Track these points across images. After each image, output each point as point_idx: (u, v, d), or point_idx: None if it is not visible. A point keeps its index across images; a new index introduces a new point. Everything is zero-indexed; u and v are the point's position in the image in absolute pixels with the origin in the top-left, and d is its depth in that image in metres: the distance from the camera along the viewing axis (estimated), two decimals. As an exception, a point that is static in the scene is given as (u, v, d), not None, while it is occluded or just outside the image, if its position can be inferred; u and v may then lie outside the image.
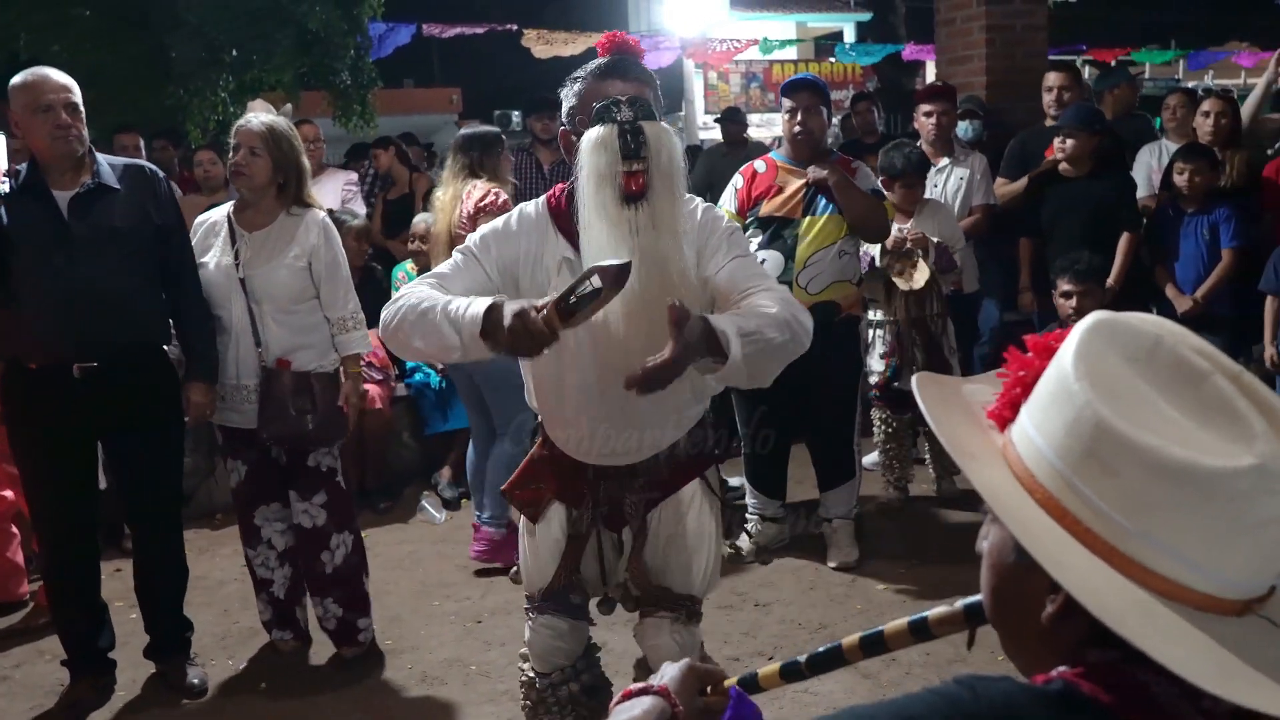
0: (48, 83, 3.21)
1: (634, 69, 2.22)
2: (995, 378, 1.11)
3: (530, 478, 2.48)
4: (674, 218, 2.13)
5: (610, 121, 2.10)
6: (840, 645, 1.29)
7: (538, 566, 2.47)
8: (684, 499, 2.44)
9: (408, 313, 2.15)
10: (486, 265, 2.26)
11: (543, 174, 6.84)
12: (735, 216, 4.42)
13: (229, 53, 9.39)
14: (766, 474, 4.55)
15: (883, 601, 4.03)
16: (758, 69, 17.69)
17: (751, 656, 3.59)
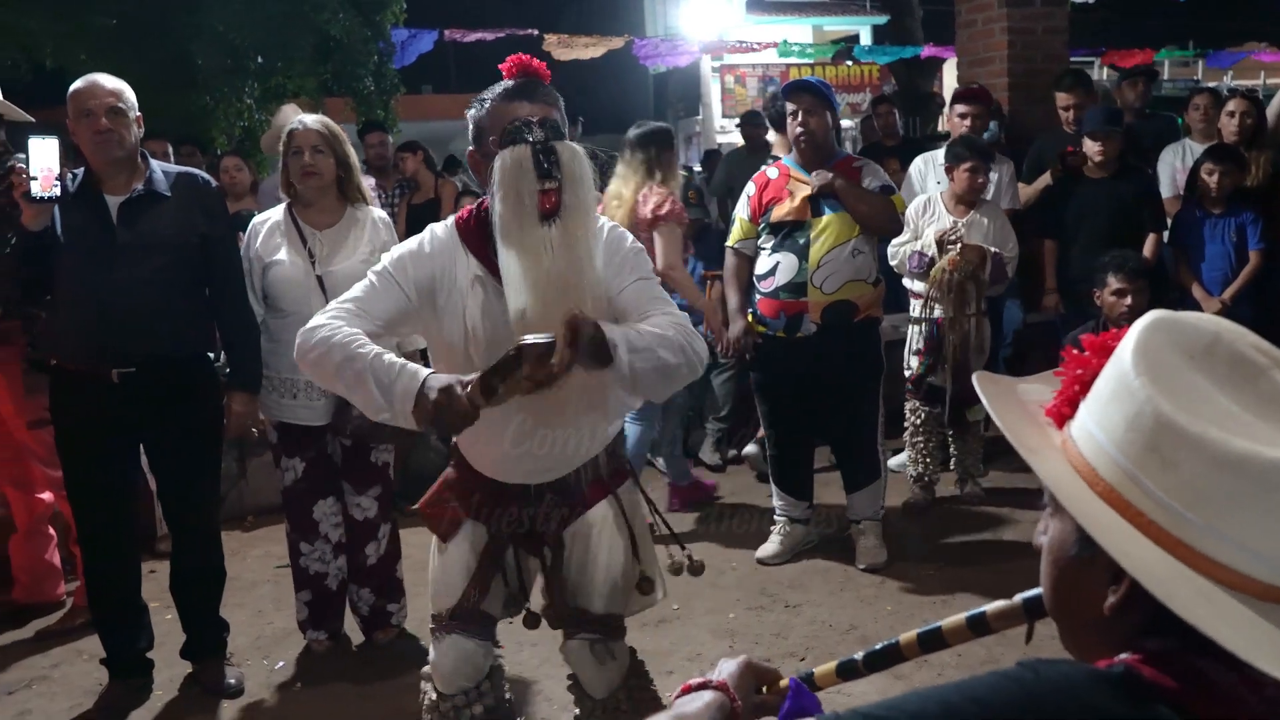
0: (91, 88, 3.26)
1: (541, 90, 2.23)
2: (1050, 377, 1.14)
3: (444, 496, 2.46)
4: (586, 236, 2.17)
5: (523, 142, 2.13)
6: (898, 642, 1.32)
7: (446, 584, 2.45)
8: (597, 518, 2.44)
9: (333, 351, 2.12)
10: (405, 286, 2.24)
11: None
12: (747, 224, 4.45)
13: (253, 59, 9.47)
14: (792, 475, 4.57)
15: (912, 603, 4.05)
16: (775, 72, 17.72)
17: (783, 658, 3.61)
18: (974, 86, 6.17)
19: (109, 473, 3.43)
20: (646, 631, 3.89)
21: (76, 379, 3.38)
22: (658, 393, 2.23)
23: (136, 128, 3.33)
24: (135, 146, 3.34)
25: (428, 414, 2.02)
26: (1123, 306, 4.33)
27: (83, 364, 3.35)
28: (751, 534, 4.78)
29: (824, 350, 4.28)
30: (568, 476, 2.39)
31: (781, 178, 4.38)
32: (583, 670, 2.47)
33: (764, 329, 4.39)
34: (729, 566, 4.50)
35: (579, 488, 2.41)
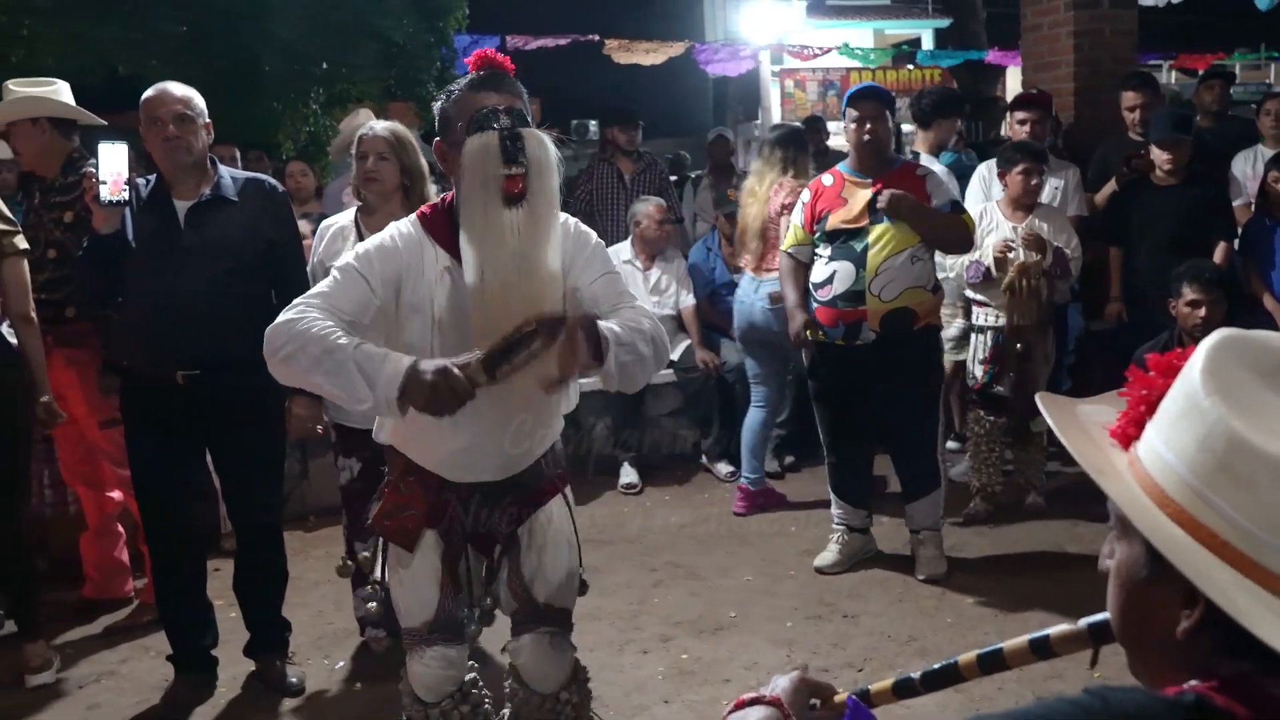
0: (160, 96, 3.34)
1: (506, 82, 2.28)
2: (1111, 398, 1.12)
3: (398, 506, 2.45)
4: (550, 221, 2.22)
5: (490, 128, 2.18)
6: (956, 662, 1.30)
7: (419, 598, 2.45)
8: (550, 515, 2.51)
9: (309, 342, 2.11)
10: (371, 280, 2.26)
11: (623, 183, 6.89)
12: (801, 231, 4.42)
13: (318, 65, 9.61)
14: (851, 484, 4.54)
15: (973, 615, 4.00)
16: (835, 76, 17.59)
17: (841, 668, 3.58)
18: (1033, 91, 6.09)
19: (175, 474, 3.50)
20: (703, 639, 3.89)
21: (144, 381, 3.45)
22: (634, 385, 2.30)
23: (205, 134, 3.40)
24: (203, 152, 3.40)
25: (423, 397, 2.03)
26: (1197, 317, 4.24)
27: (149, 367, 3.43)
28: (810, 542, 4.76)
29: (883, 358, 4.25)
30: (520, 474, 2.44)
31: (836, 184, 4.36)
32: (537, 665, 2.50)
33: (822, 336, 4.37)
34: (787, 575, 4.48)
35: (529, 485, 2.47)
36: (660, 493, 5.77)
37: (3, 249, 3.61)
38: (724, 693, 3.49)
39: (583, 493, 5.75)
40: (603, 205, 6.90)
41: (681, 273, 6.09)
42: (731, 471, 5.92)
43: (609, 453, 5.99)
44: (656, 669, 3.68)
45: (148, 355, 3.43)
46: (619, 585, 4.45)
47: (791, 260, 4.49)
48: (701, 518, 5.31)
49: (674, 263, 6.09)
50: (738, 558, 4.72)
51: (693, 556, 4.76)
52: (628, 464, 5.87)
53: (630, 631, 3.99)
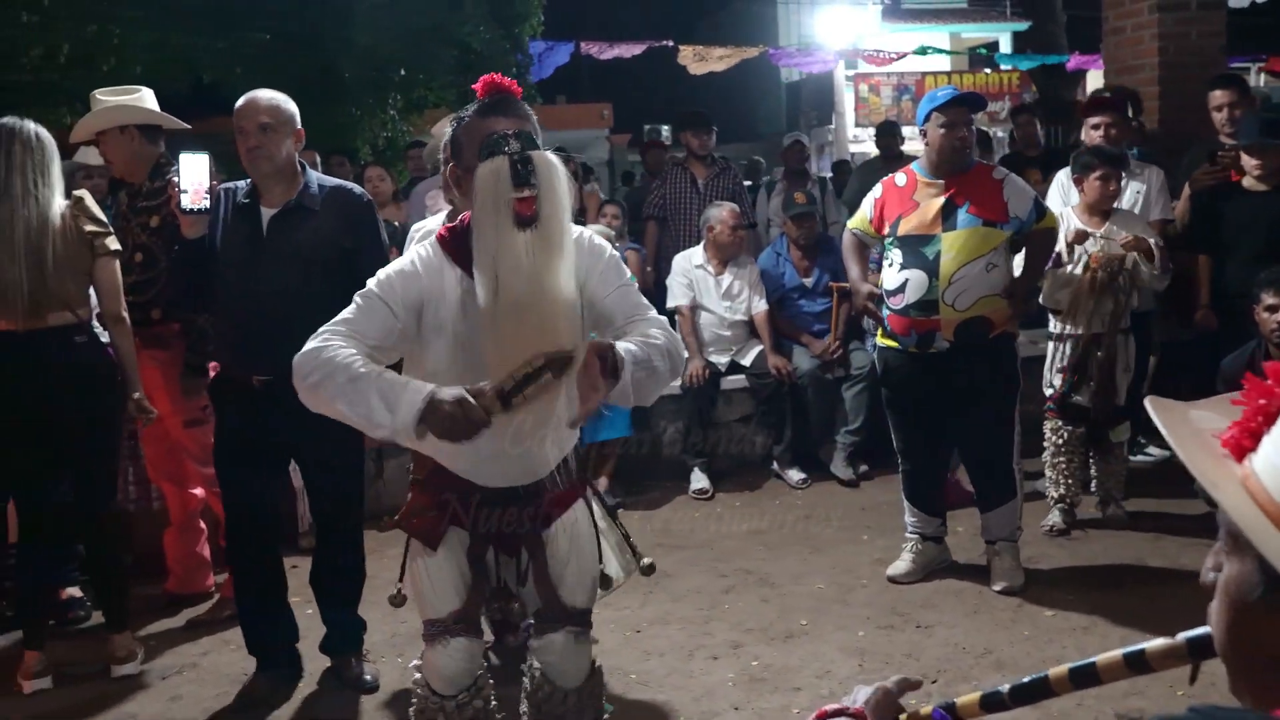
0: (246, 106, 3.42)
1: (515, 106, 2.31)
2: (1223, 404, 1.08)
3: (423, 506, 2.52)
4: (562, 241, 2.24)
5: (500, 153, 2.21)
6: (1047, 676, 1.27)
7: (441, 591, 2.50)
8: (577, 517, 2.59)
9: (336, 372, 2.18)
10: (393, 305, 2.31)
11: (697, 188, 6.90)
12: (869, 226, 4.40)
13: (396, 72, 9.77)
14: (925, 492, 4.48)
15: (1051, 628, 3.92)
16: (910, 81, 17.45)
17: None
18: (1104, 94, 5.96)
19: (256, 475, 3.57)
20: (774, 646, 3.87)
21: (228, 383, 3.54)
22: (648, 399, 2.34)
23: (294, 142, 3.45)
24: (287, 160, 3.45)
25: (440, 425, 2.08)
26: (1273, 322, 4.14)
27: (230, 370, 3.53)
28: (883, 551, 4.71)
29: (957, 366, 4.19)
30: (543, 479, 2.50)
31: (909, 186, 4.31)
32: (562, 662, 2.57)
33: (895, 344, 4.32)
34: (859, 584, 4.43)
35: (553, 489, 2.53)
36: (731, 499, 5.76)
37: (95, 250, 3.72)
38: (795, 701, 3.46)
39: (653, 498, 5.77)
40: (675, 210, 6.91)
41: (754, 278, 6.07)
42: (803, 479, 5.88)
43: (679, 458, 5.98)
44: (727, 675, 3.66)
45: (229, 358, 3.55)
46: (689, 591, 4.44)
47: (855, 238, 4.54)
48: (773, 524, 5.29)
49: (746, 268, 6.08)
50: (809, 565, 4.69)
51: (764, 563, 4.74)
52: (698, 469, 5.86)
53: (700, 637, 3.98)
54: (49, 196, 3.63)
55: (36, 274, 3.58)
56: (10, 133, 3.60)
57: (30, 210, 3.58)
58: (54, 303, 3.64)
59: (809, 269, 6.15)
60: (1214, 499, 0.96)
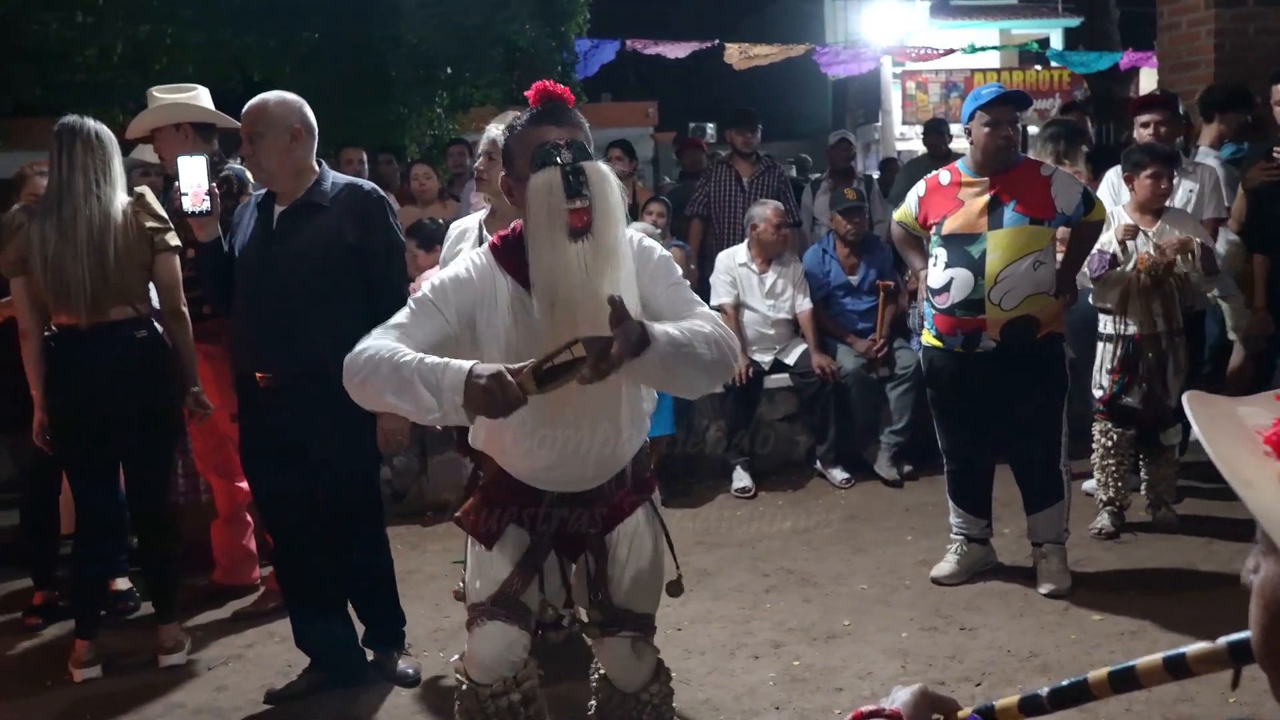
0: (243, 115, 3.47)
1: (566, 114, 2.31)
2: (1270, 399, 1.05)
3: (485, 505, 2.53)
4: (617, 250, 2.23)
5: (552, 164, 2.21)
6: (1086, 680, 1.24)
7: (488, 576, 2.51)
8: (636, 523, 2.57)
9: (380, 365, 2.18)
10: (446, 312, 2.31)
11: (741, 186, 6.87)
12: (914, 221, 4.37)
13: (443, 70, 9.83)
14: (971, 493, 4.43)
15: (1098, 632, 3.86)
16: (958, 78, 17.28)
17: (958, 682, 3.50)
18: (1155, 93, 5.86)
19: (280, 472, 3.55)
20: (816, 646, 3.85)
21: (240, 381, 3.60)
22: (694, 387, 2.34)
23: (291, 140, 3.37)
24: (282, 162, 3.38)
25: (478, 400, 2.07)
26: None
27: (239, 366, 3.59)
28: (927, 552, 4.67)
29: (1003, 366, 4.14)
30: (603, 485, 2.50)
31: (953, 185, 4.26)
32: (623, 667, 2.60)
33: (940, 343, 4.28)
34: (902, 585, 4.40)
35: (613, 496, 2.52)
36: (774, 498, 5.73)
37: (156, 246, 3.79)
38: (836, 701, 3.44)
39: (695, 496, 5.75)
40: (720, 208, 6.89)
41: (798, 276, 6.04)
42: (847, 478, 5.84)
43: (722, 457, 5.97)
44: (768, 675, 3.65)
45: (236, 355, 3.61)
46: (731, 589, 4.43)
47: (903, 230, 4.56)
48: (816, 524, 5.26)
49: (790, 266, 6.05)
50: (852, 565, 4.66)
51: (806, 563, 4.71)
52: (740, 468, 5.84)
53: (742, 636, 3.96)
54: (110, 194, 3.69)
55: (98, 270, 3.65)
56: (72, 131, 3.66)
57: (92, 208, 3.64)
58: (116, 298, 3.70)
59: (855, 266, 6.11)
60: (1242, 498, 0.94)
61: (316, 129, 3.51)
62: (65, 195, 3.63)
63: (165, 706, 3.66)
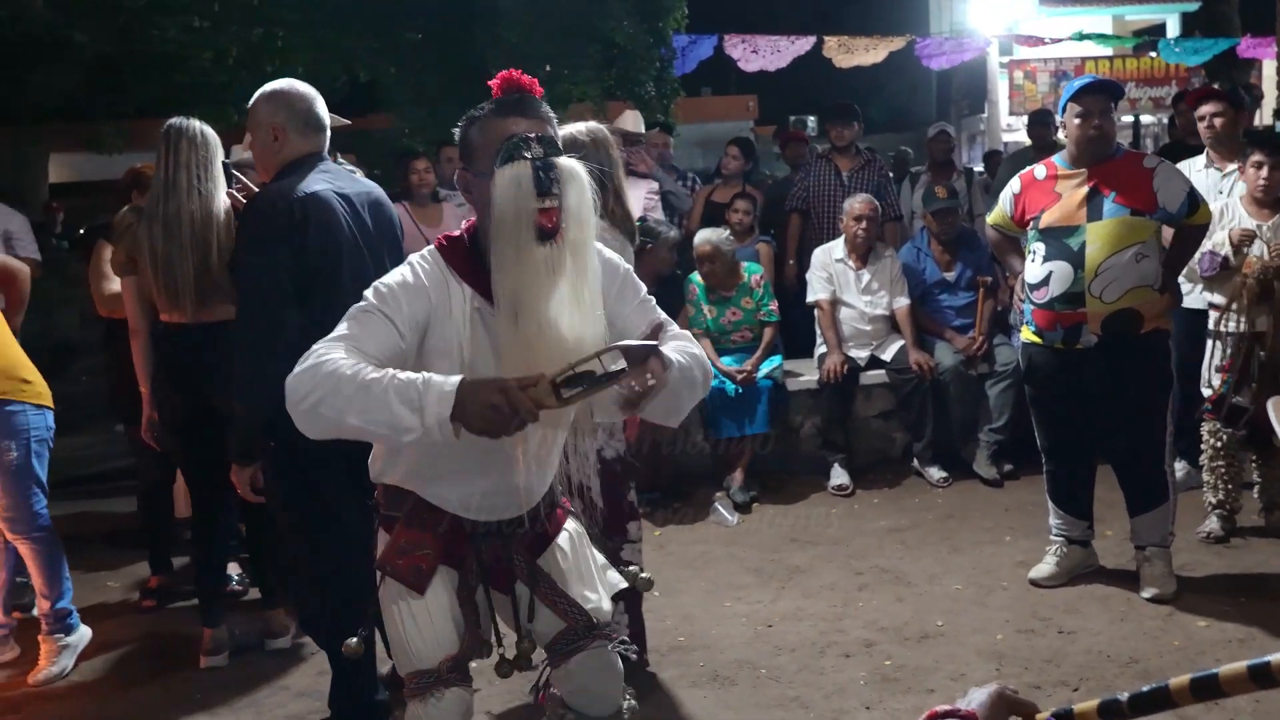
0: None
1: (535, 106, 2.11)
2: None
3: (410, 545, 2.25)
4: (587, 255, 2.05)
5: (521, 158, 2.01)
6: (1168, 685, 1.23)
7: (433, 638, 2.23)
8: (571, 534, 2.40)
9: (341, 384, 1.91)
10: (398, 323, 2.06)
11: (841, 181, 6.81)
12: (1009, 221, 4.28)
13: (542, 68, 9.95)
14: (1071, 493, 4.33)
15: (1204, 640, 3.75)
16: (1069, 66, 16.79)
17: (1054, 686, 3.43)
18: (1209, 85, 5.65)
19: None
20: (908, 646, 3.81)
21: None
22: (681, 414, 2.19)
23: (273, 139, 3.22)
24: (263, 162, 3.30)
25: (478, 416, 1.86)
26: None
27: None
28: (1025, 553, 4.58)
29: (1105, 364, 4.04)
30: (536, 507, 2.31)
31: (1049, 178, 4.16)
32: (597, 684, 2.37)
33: (1040, 340, 4.19)
34: (999, 586, 4.32)
35: (541, 518, 2.33)
36: (869, 496, 5.68)
37: None
38: (928, 702, 3.40)
39: (789, 493, 5.73)
40: (819, 203, 6.84)
41: (896, 272, 5.97)
42: (944, 477, 5.76)
43: (817, 454, 5.93)
44: (858, 673, 3.63)
45: None
46: (823, 587, 4.40)
47: (998, 233, 4.49)
48: (912, 522, 5.20)
49: (886, 262, 5.98)
50: (947, 565, 4.59)
51: (900, 562, 4.66)
52: (838, 465, 5.80)
53: (833, 634, 3.94)
54: (212, 190, 3.77)
55: (202, 266, 3.73)
56: (178, 131, 3.76)
57: (195, 204, 3.72)
58: (219, 295, 3.77)
59: (950, 263, 6.02)
60: None
61: (316, 124, 3.28)
62: (170, 193, 3.72)
63: (271, 689, 3.79)
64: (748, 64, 10.32)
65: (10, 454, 3.83)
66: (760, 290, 5.84)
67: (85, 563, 4.93)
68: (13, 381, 3.86)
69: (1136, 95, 15.67)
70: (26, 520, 3.90)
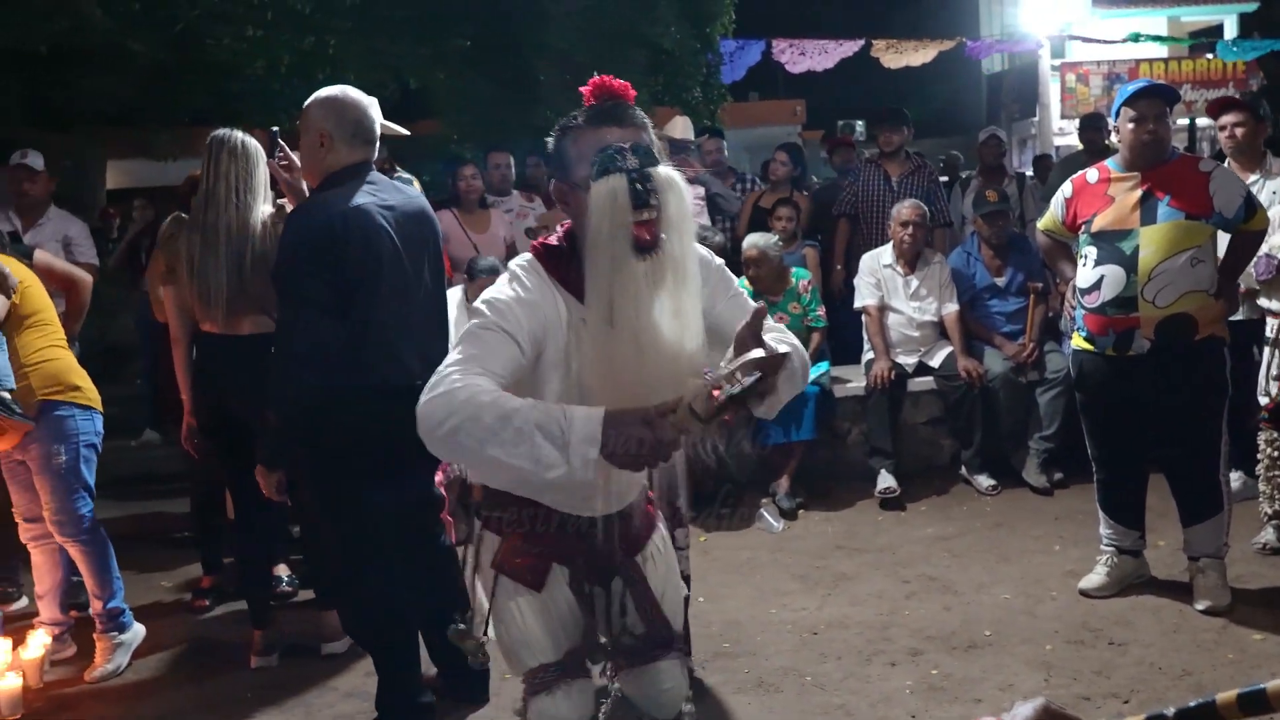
0: None
1: (629, 113, 2.06)
2: None
3: (524, 544, 2.25)
4: (686, 265, 2.00)
5: (617, 170, 1.96)
6: (1214, 700, 1.20)
7: (556, 632, 2.24)
8: (663, 537, 2.42)
9: (480, 411, 1.85)
10: (520, 339, 2.01)
11: (890, 186, 6.78)
12: (1060, 226, 4.23)
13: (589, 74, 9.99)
14: (1123, 503, 4.26)
15: (1259, 653, 3.68)
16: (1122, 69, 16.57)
17: (1104, 698, 3.39)
18: (1231, 95, 5.57)
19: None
20: (955, 656, 3.78)
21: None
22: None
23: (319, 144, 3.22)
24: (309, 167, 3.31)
25: (625, 451, 1.81)
26: None
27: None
28: (1075, 563, 4.53)
29: (1159, 371, 3.98)
30: (633, 503, 2.32)
31: (1101, 182, 4.11)
32: (661, 691, 2.37)
33: (1091, 346, 4.14)
34: (1048, 595, 4.27)
35: (637, 513, 2.34)
36: (917, 504, 5.63)
37: None
38: (975, 712, 3.37)
39: (837, 499, 5.71)
40: (868, 208, 6.81)
41: (945, 278, 5.92)
42: (993, 485, 5.70)
43: (864, 460, 5.90)
44: (904, 682, 3.60)
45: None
46: (869, 595, 4.38)
47: (1049, 239, 4.45)
48: (960, 530, 5.15)
49: (936, 267, 5.93)
50: (996, 574, 4.55)
51: (948, 570, 4.63)
52: (885, 470, 5.76)
53: (879, 643, 3.92)
54: (250, 202, 3.79)
55: (235, 277, 3.76)
56: (220, 143, 3.81)
57: (231, 215, 3.75)
58: (252, 307, 3.80)
59: (1001, 268, 5.96)
60: None
61: (365, 136, 3.27)
62: (209, 204, 3.77)
63: (320, 690, 3.83)
64: (795, 66, 10.30)
65: (59, 457, 3.89)
66: (808, 295, 5.82)
67: (139, 563, 5.02)
68: (62, 386, 3.93)
69: (1193, 98, 15.42)
70: (74, 523, 3.95)
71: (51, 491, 3.92)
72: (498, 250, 6.29)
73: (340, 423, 3.10)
